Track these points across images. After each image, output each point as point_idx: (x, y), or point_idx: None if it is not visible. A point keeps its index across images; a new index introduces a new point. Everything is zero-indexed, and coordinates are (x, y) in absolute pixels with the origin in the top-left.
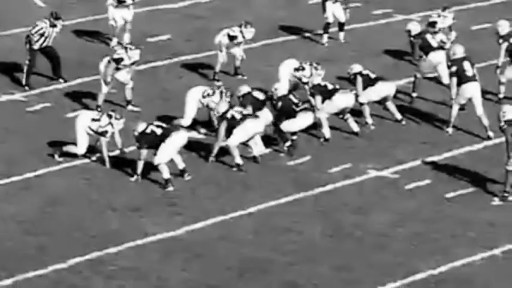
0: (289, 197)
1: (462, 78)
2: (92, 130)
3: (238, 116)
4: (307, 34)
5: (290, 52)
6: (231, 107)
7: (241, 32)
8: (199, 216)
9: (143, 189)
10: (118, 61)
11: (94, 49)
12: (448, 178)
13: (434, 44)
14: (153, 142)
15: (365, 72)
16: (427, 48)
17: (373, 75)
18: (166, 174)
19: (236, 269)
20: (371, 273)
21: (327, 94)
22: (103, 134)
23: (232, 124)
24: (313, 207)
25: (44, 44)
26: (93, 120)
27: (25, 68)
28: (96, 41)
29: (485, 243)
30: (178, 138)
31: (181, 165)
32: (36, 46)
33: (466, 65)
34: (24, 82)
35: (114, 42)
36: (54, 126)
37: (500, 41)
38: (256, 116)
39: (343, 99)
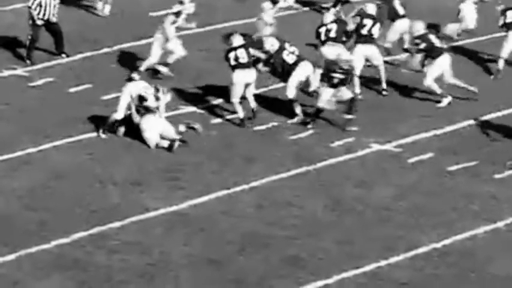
0: (291, 171)
1: (433, 52)
2: (141, 99)
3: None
4: None
5: None
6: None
7: None
8: (201, 190)
9: (145, 164)
10: (177, 14)
11: (95, 23)
12: (451, 151)
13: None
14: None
15: None
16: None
17: None
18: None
19: (238, 244)
20: (373, 247)
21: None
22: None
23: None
24: (315, 182)
25: (46, 16)
26: (144, 88)
27: (27, 43)
28: (96, 15)
29: (488, 216)
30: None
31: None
32: (39, 22)
33: (433, 38)
34: (26, 57)
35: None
36: (56, 101)
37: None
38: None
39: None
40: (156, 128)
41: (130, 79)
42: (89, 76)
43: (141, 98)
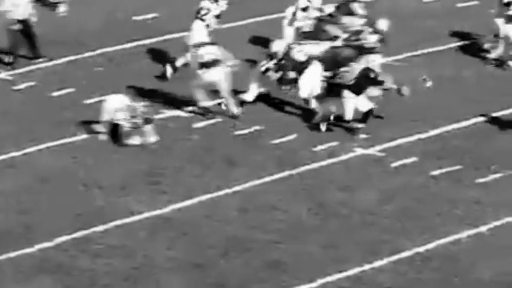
0: (274, 175)
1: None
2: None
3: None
4: None
5: None
6: None
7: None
8: (184, 194)
9: (129, 167)
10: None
11: (78, 26)
12: (435, 156)
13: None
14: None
15: None
16: None
17: None
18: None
19: (221, 248)
20: (357, 251)
21: None
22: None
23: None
24: (299, 186)
25: (21, 16)
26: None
27: (9, 48)
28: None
29: (471, 221)
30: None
31: None
32: (15, 26)
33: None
34: (7, 61)
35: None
36: (40, 105)
37: None
38: None
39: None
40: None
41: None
42: (72, 80)
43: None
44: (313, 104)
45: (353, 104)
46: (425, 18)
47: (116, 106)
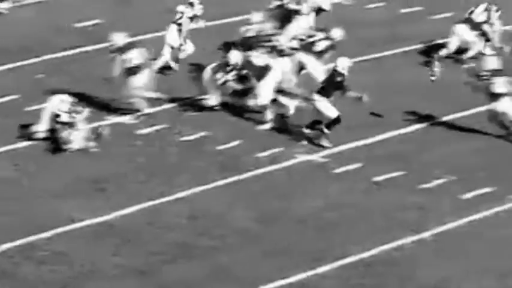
0: (218, 181)
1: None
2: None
3: None
4: None
5: None
6: None
7: None
8: (127, 201)
9: (72, 174)
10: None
11: (20, 33)
12: (378, 161)
13: None
14: None
15: None
16: None
17: None
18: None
19: (165, 254)
20: (301, 257)
21: None
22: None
23: None
24: (242, 192)
25: None
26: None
27: None
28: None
29: (414, 227)
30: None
31: None
32: None
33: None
34: None
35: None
36: None
37: None
38: None
39: None
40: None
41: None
42: (14, 87)
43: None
44: (269, 111)
45: (324, 105)
46: (370, 25)
47: (59, 105)
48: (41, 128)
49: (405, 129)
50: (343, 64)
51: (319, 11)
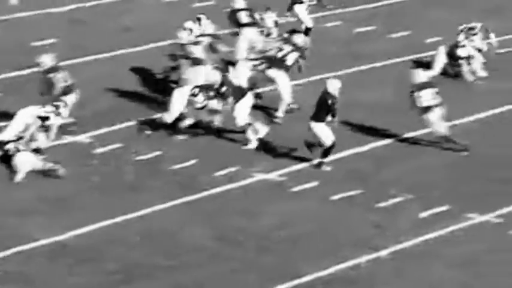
0: (175, 200)
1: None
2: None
3: None
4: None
5: None
6: None
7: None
8: (85, 220)
9: (29, 193)
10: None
11: None
12: (335, 180)
13: None
14: None
15: None
16: None
17: None
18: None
19: (122, 273)
20: (257, 277)
21: None
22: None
23: None
24: (199, 211)
25: None
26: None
27: None
28: None
29: (371, 245)
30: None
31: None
32: None
33: None
34: None
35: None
36: None
37: None
38: None
39: None
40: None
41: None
42: None
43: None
44: (249, 132)
45: (321, 130)
46: (328, 43)
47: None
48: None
49: (362, 147)
50: (334, 86)
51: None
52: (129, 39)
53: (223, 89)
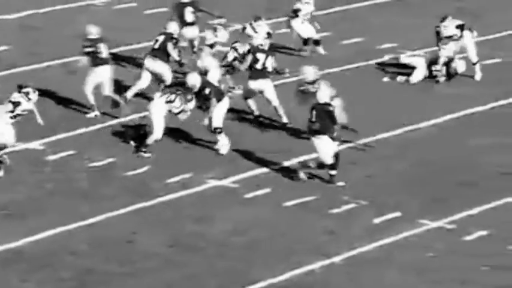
0: (128, 207)
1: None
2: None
3: None
4: None
5: None
6: None
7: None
8: (37, 227)
9: None
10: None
11: None
12: (288, 186)
13: None
14: None
15: None
16: None
17: None
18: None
19: (75, 281)
20: (212, 283)
21: None
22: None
23: None
24: (152, 218)
25: None
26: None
27: None
28: None
29: (324, 251)
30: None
31: None
32: None
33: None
34: None
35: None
36: None
37: None
38: None
39: None
40: None
41: None
42: None
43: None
44: (221, 136)
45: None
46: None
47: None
48: None
49: (314, 154)
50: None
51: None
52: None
53: (207, 91)
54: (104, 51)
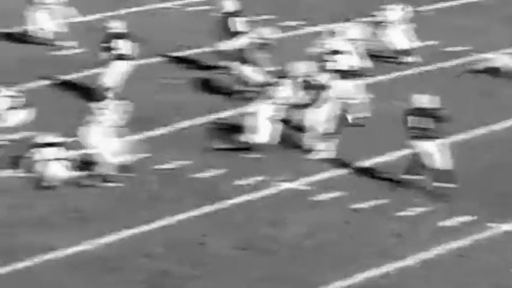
0: (199, 210)
1: None
2: None
3: None
4: None
5: None
6: None
7: None
8: (110, 229)
9: (52, 202)
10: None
11: None
12: (357, 189)
13: None
14: None
15: None
16: None
17: None
18: None
19: (148, 283)
20: (284, 286)
21: None
22: None
23: None
24: (224, 221)
25: None
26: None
27: None
28: None
29: (394, 254)
30: None
31: None
32: None
33: None
34: None
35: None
36: None
37: None
38: None
39: None
40: None
41: None
42: None
43: None
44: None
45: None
46: None
47: None
48: None
49: (384, 156)
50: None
51: None
52: None
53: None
54: (124, 47)
